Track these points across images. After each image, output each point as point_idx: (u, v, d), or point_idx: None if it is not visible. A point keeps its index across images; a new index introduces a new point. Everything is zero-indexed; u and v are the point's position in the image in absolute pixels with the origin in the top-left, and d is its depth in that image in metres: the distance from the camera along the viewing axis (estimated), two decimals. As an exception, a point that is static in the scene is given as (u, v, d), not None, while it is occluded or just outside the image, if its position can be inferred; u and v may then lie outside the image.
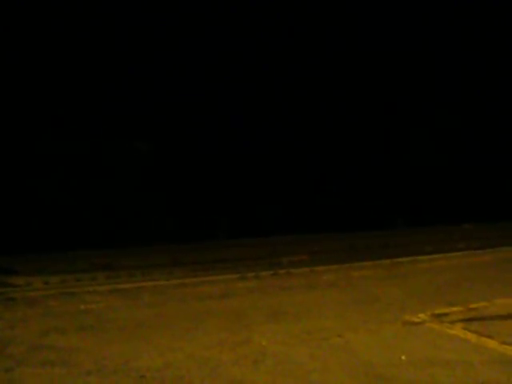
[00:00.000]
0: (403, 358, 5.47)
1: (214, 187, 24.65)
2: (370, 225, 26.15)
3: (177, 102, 24.40)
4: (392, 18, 29.37)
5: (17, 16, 21.07)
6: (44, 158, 21.58)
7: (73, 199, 21.94)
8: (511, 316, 7.07)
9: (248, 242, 21.54)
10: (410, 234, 22.76)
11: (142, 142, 23.46)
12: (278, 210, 25.95)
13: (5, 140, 20.66)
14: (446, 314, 7.29)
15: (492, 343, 5.91)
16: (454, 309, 7.63)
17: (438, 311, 7.46)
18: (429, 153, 30.32)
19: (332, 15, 27.82)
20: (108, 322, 7.48)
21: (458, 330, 6.47)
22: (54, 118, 21.84)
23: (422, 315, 7.27)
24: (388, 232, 24.42)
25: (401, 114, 30.06)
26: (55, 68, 21.73)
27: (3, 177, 20.40)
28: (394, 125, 29.89)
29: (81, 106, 22.45)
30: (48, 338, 6.64)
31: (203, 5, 24.66)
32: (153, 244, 20.81)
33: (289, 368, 5.27)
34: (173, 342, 6.26)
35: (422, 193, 30.12)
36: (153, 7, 23.67)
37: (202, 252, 18.32)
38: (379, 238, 20.95)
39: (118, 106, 22.97)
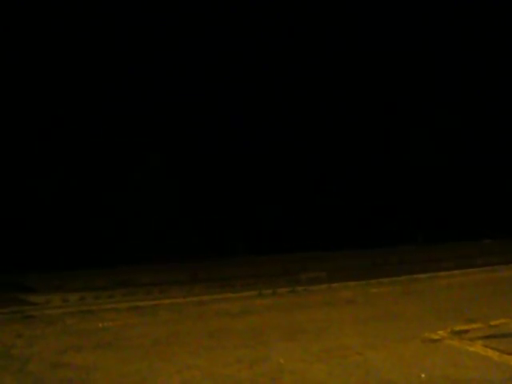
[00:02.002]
0: (423, 375, 5.40)
1: (230, 201, 24.63)
2: (388, 240, 25.97)
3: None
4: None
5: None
6: (58, 168, 21.69)
7: (91, 216, 22.05)
8: (533, 333, 6.98)
9: (266, 258, 21.52)
10: (429, 250, 22.56)
11: (154, 153, 23.50)
12: (296, 226, 25.88)
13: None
14: (465, 331, 7.20)
15: (513, 361, 5.83)
16: (474, 326, 7.54)
17: (457, 328, 7.37)
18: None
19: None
20: (125, 339, 7.49)
21: (478, 348, 6.38)
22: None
23: (441, 332, 7.19)
24: (406, 247, 24.26)
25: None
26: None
27: (21, 190, 20.56)
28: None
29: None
30: (66, 355, 6.65)
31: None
32: (170, 260, 20.85)
33: (307, 386, 5.23)
34: (190, 360, 6.25)
35: (439, 207, 29.88)
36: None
37: (220, 268, 18.31)
38: (397, 253, 20.81)
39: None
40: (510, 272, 14.22)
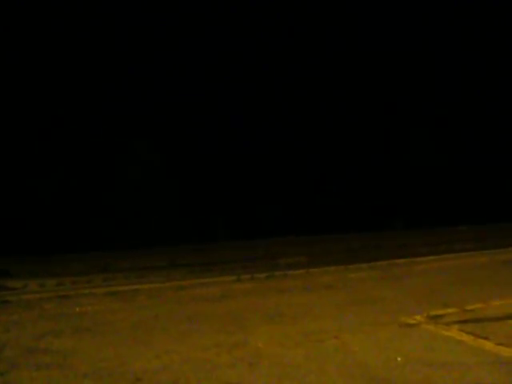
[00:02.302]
0: (399, 359, 5.47)
1: (211, 188, 24.63)
2: (366, 226, 26.17)
3: (175, 102, 24.38)
4: (392, 18, 29.37)
5: (16, 18, 21.03)
6: (43, 158, 21.54)
7: (70, 200, 21.90)
8: (507, 317, 7.08)
9: (245, 243, 21.57)
10: (407, 236, 22.76)
11: (141, 141, 23.39)
12: (275, 211, 25.96)
13: (2, 140, 20.62)
14: (441, 316, 7.29)
15: (488, 345, 5.91)
16: (450, 310, 7.63)
17: (433, 313, 7.46)
18: (428, 153, 30.33)
19: (332, 15, 27.81)
20: (104, 324, 7.47)
21: (453, 332, 6.47)
22: (55, 119, 21.79)
23: (417, 317, 7.27)
24: (384, 233, 24.45)
25: (401, 114, 30.07)
26: (57, 70, 21.70)
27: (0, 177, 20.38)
28: (394, 125, 29.90)
29: (83, 106, 22.41)
30: (43, 340, 6.62)
31: (202, 5, 24.63)
32: (151, 246, 20.80)
33: (285, 370, 5.26)
34: (169, 345, 6.26)
35: (420, 194, 30.14)
36: (152, 9, 23.66)
37: (200, 254, 18.32)
38: (376, 239, 20.97)
39: (117, 106, 22.94)
40: (486, 258, 14.40)
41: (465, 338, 6.22)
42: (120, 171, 23.15)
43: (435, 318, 7.17)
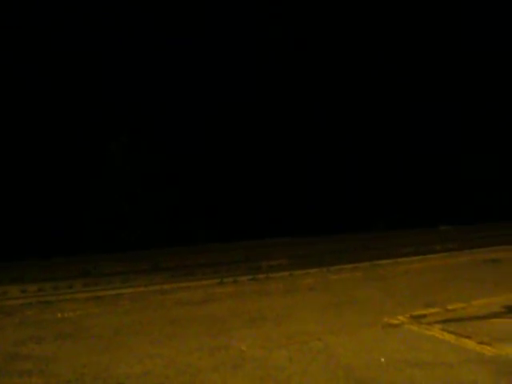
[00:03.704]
0: (382, 360, 5.48)
1: (193, 191, 24.58)
2: (349, 227, 26.26)
3: (156, 103, 24.32)
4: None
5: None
6: (25, 162, 21.36)
7: (52, 205, 21.73)
8: (488, 316, 7.14)
9: (227, 246, 21.53)
10: (390, 236, 22.87)
11: (121, 144, 23.27)
12: (258, 214, 25.95)
13: None
14: (424, 316, 7.33)
15: (470, 343, 5.96)
16: (432, 310, 7.68)
17: (416, 313, 7.50)
18: (409, 155, 30.59)
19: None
20: (86, 329, 7.41)
21: (436, 331, 6.51)
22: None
23: (400, 317, 7.31)
24: (367, 234, 24.54)
25: (384, 116, 30.27)
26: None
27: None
28: (375, 127, 30.08)
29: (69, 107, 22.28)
30: (25, 347, 6.56)
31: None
32: (133, 249, 20.71)
33: (268, 372, 5.25)
34: (152, 349, 6.22)
35: (403, 194, 30.33)
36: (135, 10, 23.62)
37: (182, 257, 18.25)
38: (358, 240, 21.05)
39: (98, 107, 22.84)
40: (467, 258, 14.51)
41: (447, 337, 6.26)
42: (101, 175, 23.02)
43: (418, 318, 7.21)
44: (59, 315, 8.53)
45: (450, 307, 7.84)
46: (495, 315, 7.21)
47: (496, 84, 32.89)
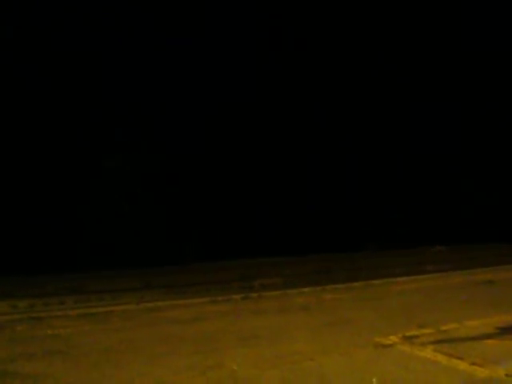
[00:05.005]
0: (374, 380, 5.44)
1: (186, 209, 24.53)
2: (342, 247, 26.24)
3: (146, 118, 24.30)
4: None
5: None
6: (15, 176, 21.29)
7: (44, 222, 21.64)
8: (481, 338, 7.12)
9: (220, 264, 21.47)
10: (383, 256, 22.87)
11: (113, 161, 23.25)
12: (251, 232, 25.90)
13: None
14: (416, 337, 7.30)
15: (462, 365, 5.93)
16: (425, 331, 7.65)
17: (408, 333, 7.47)
18: (402, 174, 30.65)
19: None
20: (76, 347, 7.35)
21: (428, 352, 6.48)
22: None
23: (393, 337, 7.27)
24: (360, 254, 24.53)
25: (375, 134, 30.36)
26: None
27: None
28: (367, 145, 30.15)
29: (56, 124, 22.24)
30: (15, 364, 6.48)
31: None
32: (125, 267, 20.61)
33: (260, 392, 5.21)
34: (142, 367, 6.16)
35: (394, 215, 30.36)
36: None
37: (174, 275, 18.19)
38: (351, 260, 21.04)
39: (90, 125, 22.80)
40: (460, 278, 14.51)
41: (439, 358, 6.23)
42: (92, 192, 22.97)
43: (410, 339, 7.18)
44: (50, 332, 8.46)
45: (442, 328, 7.81)
46: (488, 336, 7.19)
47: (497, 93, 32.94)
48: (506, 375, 5.51)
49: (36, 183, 21.62)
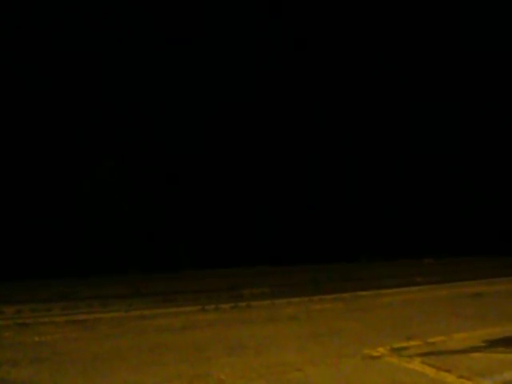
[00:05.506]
0: (362, 392, 5.45)
1: (176, 216, 24.49)
2: (332, 258, 26.26)
3: (139, 125, 24.27)
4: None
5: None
6: (7, 182, 21.19)
7: (32, 227, 21.53)
8: (468, 350, 7.14)
9: (210, 272, 21.43)
10: (372, 267, 22.91)
11: (104, 167, 23.21)
12: (241, 242, 25.89)
13: None
14: (404, 348, 7.31)
15: (450, 377, 5.93)
16: (413, 343, 7.66)
17: (396, 345, 7.48)
18: (394, 186, 30.70)
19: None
20: (63, 354, 7.30)
21: (416, 364, 6.48)
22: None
23: (381, 349, 7.28)
24: (350, 265, 24.56)
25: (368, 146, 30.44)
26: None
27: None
28: (360, 157, 30.21)
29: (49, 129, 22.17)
30: (0, 370, 6.43)
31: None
32: (114, 274, 20.55)
33: (247, 402, 5.20)
34: (130, 375, 6.13)
35: (386, 227, 30.42)
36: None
37: (164, 282, 18.14)
38: (341, 270, 21.05)
39: (82, 130, 22.74)
40: (449, 291, 14.56)
41: (427, 370, 6.24)
42: (83, 198, 22.90)
43: (398, 351, 7.19)
44: (36, 338, 8.41)
45: (430, 340, 7.83)
46: (475, 349, 7.21)
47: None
48: (493, 388, 5.53)
49: (36, 183, 21.55)
